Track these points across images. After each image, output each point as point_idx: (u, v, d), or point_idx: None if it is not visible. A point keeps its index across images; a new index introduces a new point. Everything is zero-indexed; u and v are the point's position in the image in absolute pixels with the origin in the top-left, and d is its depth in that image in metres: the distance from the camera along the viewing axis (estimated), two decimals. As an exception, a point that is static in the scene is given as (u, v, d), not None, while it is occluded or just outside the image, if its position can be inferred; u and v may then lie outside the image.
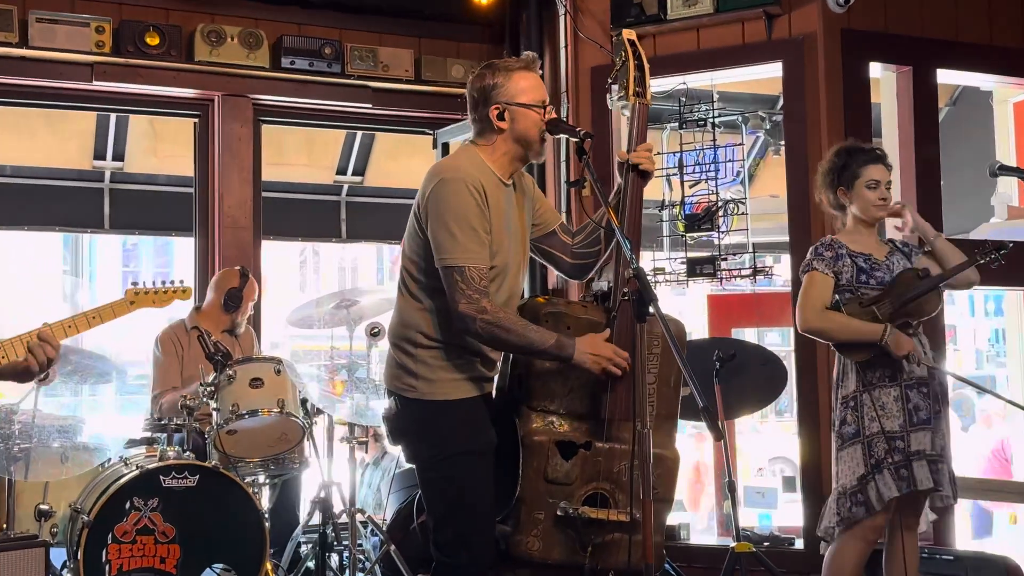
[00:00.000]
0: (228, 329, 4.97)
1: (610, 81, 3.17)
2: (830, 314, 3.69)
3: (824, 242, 3.81)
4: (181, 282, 3.50)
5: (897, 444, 3.60)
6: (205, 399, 4.23)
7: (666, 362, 3.06)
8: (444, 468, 2.88)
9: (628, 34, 3.07)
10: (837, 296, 3.72)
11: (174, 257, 18.37)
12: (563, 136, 3.22)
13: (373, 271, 20.04)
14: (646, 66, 3.04)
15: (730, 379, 4.50)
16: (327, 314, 4.79)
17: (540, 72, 3.05)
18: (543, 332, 2.85)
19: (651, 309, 2.52)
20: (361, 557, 4.32)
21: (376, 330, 4.61)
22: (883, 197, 3.77)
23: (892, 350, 3.59)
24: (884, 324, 3.61)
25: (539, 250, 3.16)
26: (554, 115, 2.99)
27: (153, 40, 5.42)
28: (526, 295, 5.38)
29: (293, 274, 19.27)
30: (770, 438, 10.91)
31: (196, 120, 5.85)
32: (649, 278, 2.71)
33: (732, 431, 5.77)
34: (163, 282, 3.45)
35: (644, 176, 3.00)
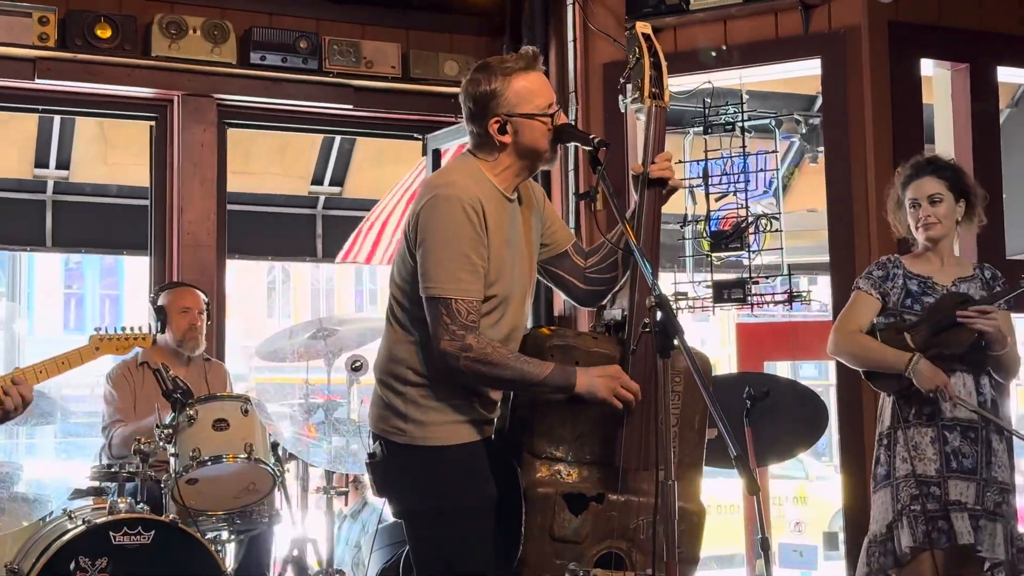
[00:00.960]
0: (188, 360, 4.95)
1: (623, 81, 3.17)
2: (860, 338, 3.74)
3: (880, 260, 3.89)
4: (140, 328, 3.92)
5: (932, 491, 3.61)
6: (162, 443, 4.21)
7: (690, 402, 3.05)
8: (438, 525, 2.87)
9: (642, 27, 3.08)
10: (878, 319, 3.75)
11: (123, 278, 18.40)
12: (573, 144, 3.21)
13: (352, 295, 20.05)
14: (663, 64, 3.05)
15: (762, 420, 4.49)
16: (301, 346, 4.79)
17: (543, 69, 3.04)
18: (538, 362, 2.84)
19: (675, 342, 2.52)
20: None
21: (358, 364, 4.60)
22: (926, 215, 3.79)
23: (917, 382, 3.61)
24: (912, 353, 3.63)
25: (547, 273, 3.16)
26: (564, 119, 2.98)
27: (104, 32, 5.44)
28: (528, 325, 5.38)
29: (260, 298, 19.27)
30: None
31: (153, 123, 5.86)
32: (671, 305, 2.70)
33: (765, 479, 5.76)
34: (124, 328, 3.90)
35: (663, 187, 2.99)
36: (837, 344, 3.82)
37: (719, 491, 8.53)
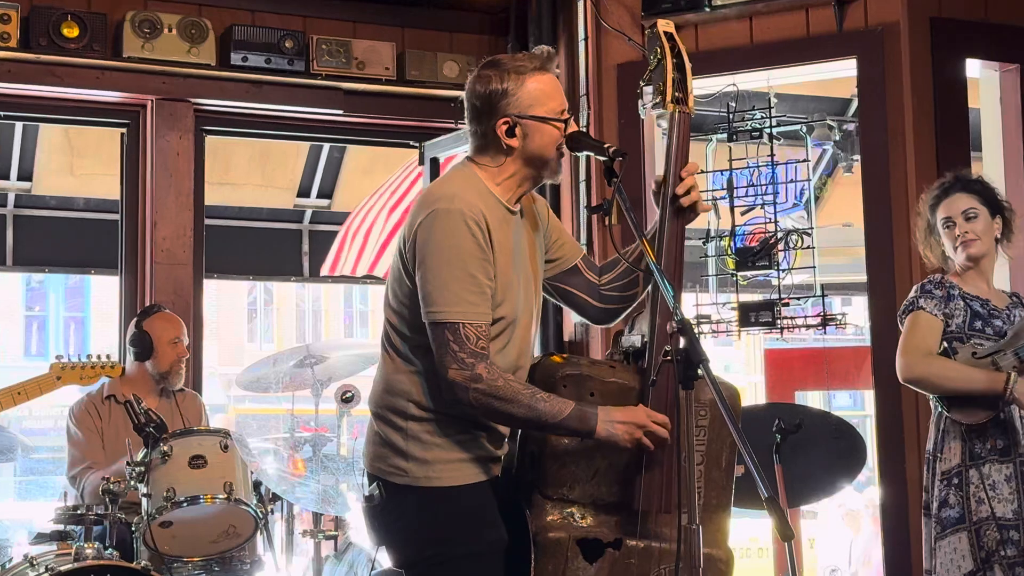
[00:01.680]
0: (162, 391, 4.95)
1: (643, 83, 3.17)
2: (939, 360, 3.71)
3: (934, 279, 3.86)
4: (108, 357, 4.02)
5: (1010, 535, 3.59)
6: (133, 482, 4.20)
7: (716, 437, 3.03)
8: (443, 574, 2.85)
9: (665, 26, 3.08)
10: (946, 344, 3.73)
11: (90, 299, 18.43)
12: (585, 154, 3.21)
13: (340, 317, 20.06)
14: (687, 66, 3.05)
15: (794, 456, 4.48)
16: (287, 374, 4.79)
17: (557, 71, 3.05)
18: (555, 400, 2.83)
19: (699, 371, 2.51)
20: None
21: (349, 395, 4.60)
22: (963, 231, 3.80)
23: (1022, 400, 3.58)
24: (1007, 373, 3.62)
25: (557, 290, 3.17)
26: (575, 127, 2.99)
27: (71, 31, 5.45)
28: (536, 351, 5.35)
29: (241, 321, 19.29)
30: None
31: (124, 130, 5.87)
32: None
33: (796, 520, 5.74)
34: (89, 356, 3.97)
35: (689, 211, 2.99)
36: (912, 367, 3.73)
37: (746, 532, 8.51)
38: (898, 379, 3.81)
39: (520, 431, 3.02)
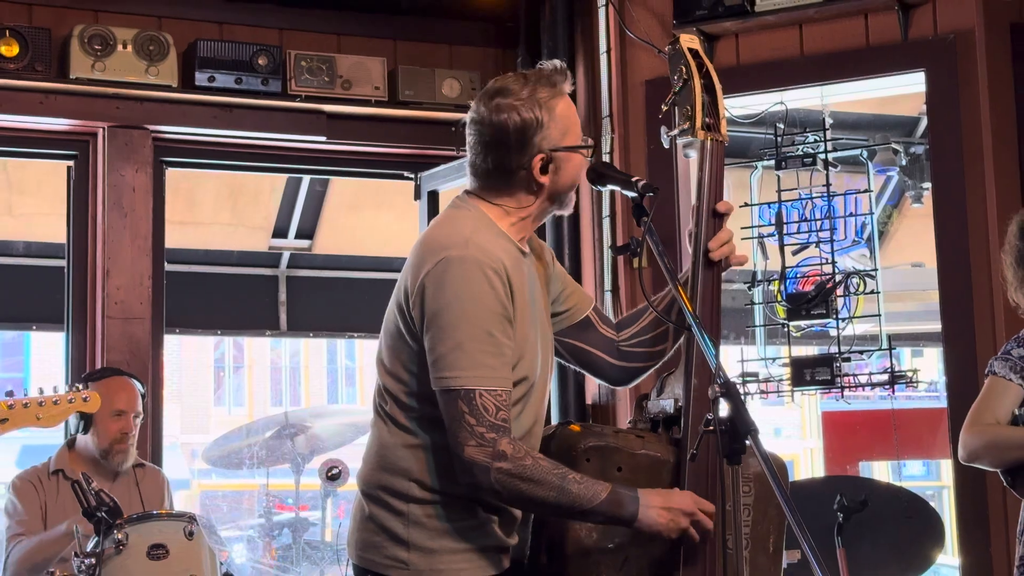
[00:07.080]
0: (113, 471, 4.94)
1: (664, 108, 3.18)
2: (997, 428, 3.68)
3: (1020, 335, 3.81)
4: (77, 388, 3.67)
5: None
6: (82, 576, 4.19)
7: (762, 517, 3.02)
8: None
9: (688, 41, 3.09)
10: (1017, 411, 3.71)
11: (30, 358, 18.39)
12: (610, 188, 3.22)
13: (323, 378, 19.99)
14: (718, 87, 3.06)
15: (859, 539, 4.46)
16: (262, 448, 4.79)
17: (571, 88, 3.07)
18: (589, 482, 2.80)
19: (747, 443, 2.51)
20: None
21: (336, 471, 4.60)
22: None
23: None
24: None
25: (566, 348, 3.16)
26: (596, 156, 3.00)
27: (10, 49, 5.47)
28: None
29: (206, 383, 19.25)
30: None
31: (71, 163, 5.89)
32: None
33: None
34: (56, 389, 3.63)
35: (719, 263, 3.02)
36: (967, 444, 3.69)
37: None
38: None
39: (531, 518, 3.01)
